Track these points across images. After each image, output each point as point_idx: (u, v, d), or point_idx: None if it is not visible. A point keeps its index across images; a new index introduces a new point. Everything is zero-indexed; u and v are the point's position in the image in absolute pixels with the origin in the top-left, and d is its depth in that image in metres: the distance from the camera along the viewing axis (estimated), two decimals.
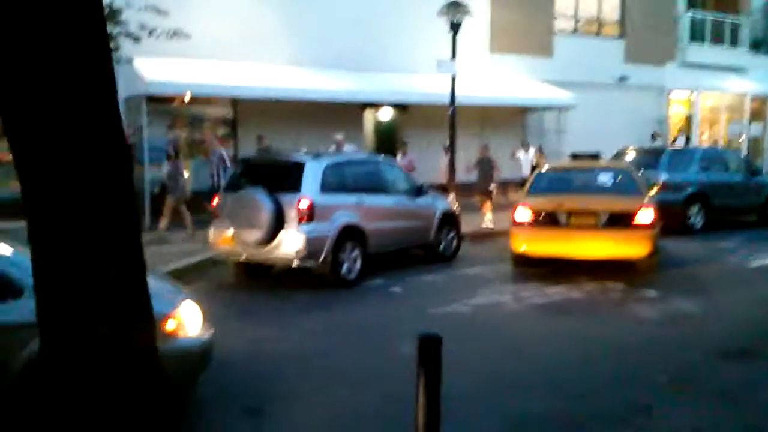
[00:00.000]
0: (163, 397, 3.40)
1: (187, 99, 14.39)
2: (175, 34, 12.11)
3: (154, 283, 3.71)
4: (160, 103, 14.41)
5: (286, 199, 8.88)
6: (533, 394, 5.42)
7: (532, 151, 17.28)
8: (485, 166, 14.52)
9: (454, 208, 11.79)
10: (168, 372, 3.80)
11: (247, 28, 15.74)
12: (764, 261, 11.17)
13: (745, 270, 10.59)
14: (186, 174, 12.73)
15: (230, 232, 9.21)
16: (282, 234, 8.87)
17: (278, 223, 8.83)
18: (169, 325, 4.69)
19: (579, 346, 6.67)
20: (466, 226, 12.54)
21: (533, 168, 15.92)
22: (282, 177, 9.26)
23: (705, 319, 7.74)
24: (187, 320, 4.85)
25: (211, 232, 9.61)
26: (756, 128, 25.59)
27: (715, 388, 5.54)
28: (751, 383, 5.64)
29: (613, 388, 5.54)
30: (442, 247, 11.09)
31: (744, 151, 23.07)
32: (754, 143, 25.67)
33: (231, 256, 9.55)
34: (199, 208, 12.11)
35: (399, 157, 15.51)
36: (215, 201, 9.85)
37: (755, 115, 25.68)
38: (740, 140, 24.84)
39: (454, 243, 11.36)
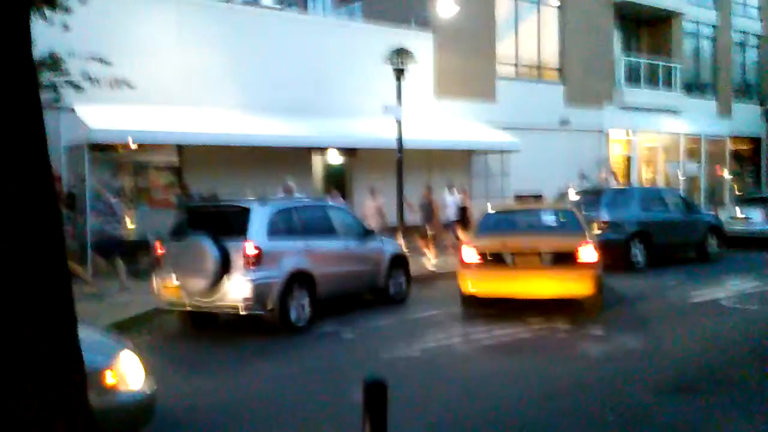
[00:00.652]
0: None
1: (132, 145, 14.20)
2: (119, 82, 12.01)
3: (91, 336, 3.60)
4: (103, 152, 14.17)
5: (232, 245, 8.78)
6: None
7: (456, 193, 16.95)
8: (428, 208, 14.70)
9: (404, 251, 11.84)
10: (108, 427, 3.67)
11: (193, 74, 15.74)
12: (704, 296, 11.48)
13: (685, 305, 10.86)
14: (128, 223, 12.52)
15: (175, 280, 9.03)
16: (228, 281, 8.74)
17: (224, 270, 8.71)
18: (108, 379, 4.54)
19: (528, 386, 6.70)
20: (415, 268, 12.59)
21: (461, 210, 16.13)
22: (228, 222, 9.17)
23: (649, 355, 7.88)
24: (127, 373, 4.69)
25: (155, 281, 9.41)
26: (691, 167, 26.59)
27: (661, 423, 5.61)
28: (694, 418, 5.73)
29: (562, 426, 5.56)
30: (392, 290, 11.09)
31: (681, 190, 23.90)
32: (691, 181, 26.64)
33: (176, 305, 9.34)
34: (139, 258, 11.90)
35: (369, 201, 15.48)
36: (159, 249, 9.65)
37: (690, 155, 26.71)
38: (678, 179, 25.74)
39: (404, 286, 11.37)
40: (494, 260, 9.88)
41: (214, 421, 5.83)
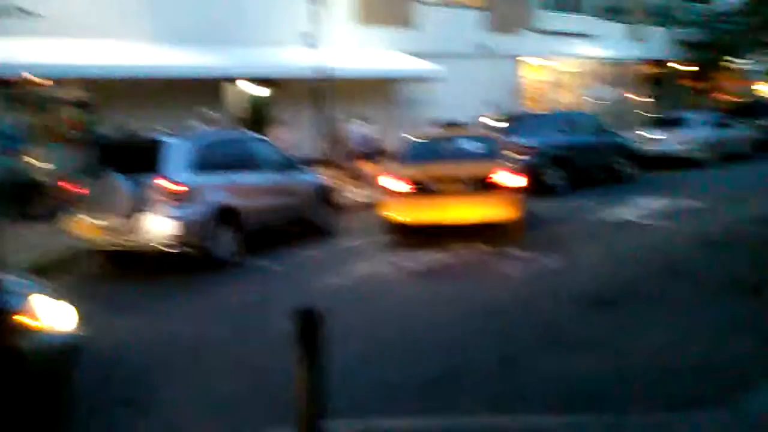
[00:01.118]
0: (29, 396, 3.21)
1: (35, 80, 13.41)
2: (22, 11, 11.20)
3: (10, 279, 3.47)
4: (5, 87, 13.34)
5: (152, 181, 8.53)
6: (411, 357, 5.59)
7: (364, 123, 16.75)
8: (339, 139, 14.67)
9: (330, 183, 11.81)
10: (33, 369, 3.60)
11: (101, 3, 14.83)
12: (618, 216, 12.01)
13: (601, 225, 11.35)
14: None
15: (93, 219, 8.75)
16: (150, 218, 8.53)
17: (145, 208, 8.48)
18: (31, 321, 4.42)
19: (454, 308, 6.93)
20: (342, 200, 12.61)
21: (368, 140, 16.05)
22: (147, 158, 8.87)
23: (568, 273, 8.24)
24: (47, 315, 4.58)
25: (72, 221, 9.09)
26: (606, 91, 27.28)
27: (580, 336, 5.93)
28: (612, 329, 6.08)
29: (488, 344, 5.81)
30: (320, 222, 11.10)
31: (596, 114, 24.56)
32: (605, 105, 27.36)
33: (96, 245, 9.07)
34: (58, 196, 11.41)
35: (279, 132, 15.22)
36: (74, 187, 9.27)
37: (604, 79, 27.35)
38: (592, 103, 26.39)
39: (332, 218, 11.40)
40: (419, 188, 10.00)
41: (143, 361, 5.79)
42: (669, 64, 30.39)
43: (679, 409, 4.37)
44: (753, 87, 35.36)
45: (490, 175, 9.90)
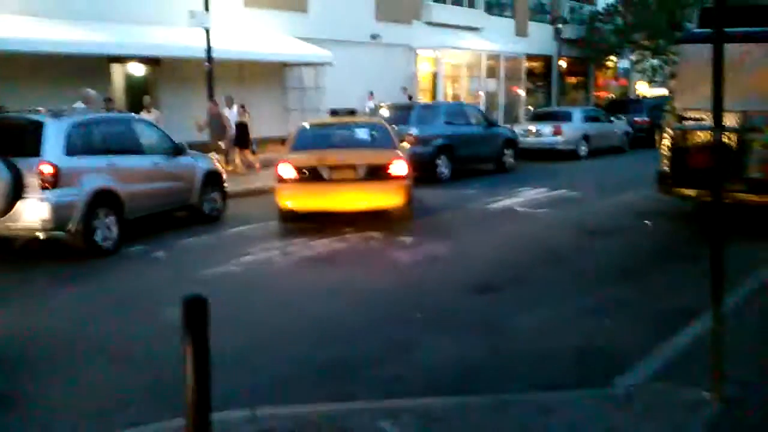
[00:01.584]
0: None
1: None
2: None
3: None
4: None
5: (25, 163, 8.01)
6: (302, 344, 5.56)
7: (235, 108, 16.39)
8: (215, 123, 14.38)
9: (218, 167, 11.52)
10: None
11: None
12: (501, 204, 12.45)
13: (485, 213, 11.73)
14: None
15: None
16: (22, 203, 8.00)
17: (16, 191, 7.95)
18: None
19: (344, 295, 6.95)
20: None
21: (238, 126, 15.88)
22: (19, 139, 8.36)
23: (453, 260, 8.48)
24: None
25: None
26: (492, 84, 28.15)
27: (465, 320, 6.12)
28: (494, 313, 6.31)
29: (376, 330, 5.87)
30: (206, 208, 10.81)
31: (482, 106, 25.31)
32: (491, 98, 28.25)
33: None
34: None
35: (146, 113, 14.62)
36: None
37: (490, 72, 28.19)
38: (478, 95, 27.17)
39: (219, 203, 11.14)
40: (310, 175, 9.94)
41: (15, 355, 5.44)
42: (550, 59, 31.73)
43: (557, 389, 4.59)
44: (628, 84, 37.61)
45: (381, 163, 9.98)
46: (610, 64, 35.62)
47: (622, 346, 5.38)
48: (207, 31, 14.33)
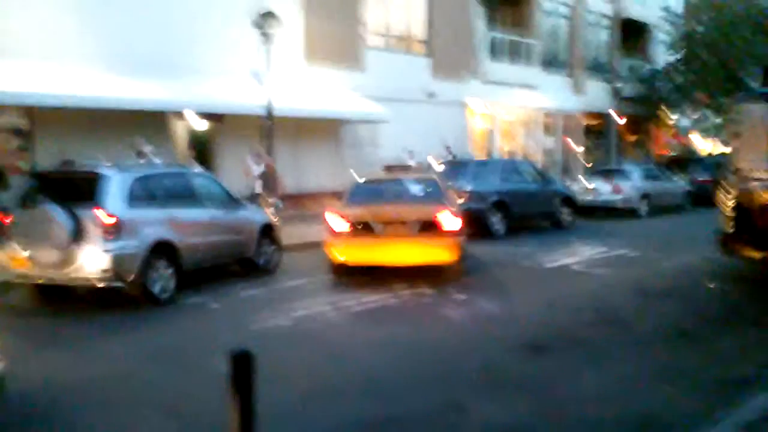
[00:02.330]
0: None
1: None
2: None
3: None
4: None
5: (87, 214, 8.29)
6: (352, 400, 5.51)
7: (261, 161, 15.69)
8: (268, 177, 14.58)
9: (273, 220, 11.71)
10: None
11: (46, 26, 14.51)
12: (556, 262, 12.23)
13: (540, 271, 11.53)
14: None
15: (24, 252, 8.42)
16: (84, 253, 8.26)
17: (78, 240, 8.22)
18: None
19: (395, 351, 6.88)
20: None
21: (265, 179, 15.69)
22: (84, 190, 8.64)
23: (507, 318, 8.32)
24: None
25: (2, 253, 8.73)
26: (548, 141, 28.08)
27: (517, 381, 5.96)
28: (548, 375, 6.13)
29: (426, 389, 5.77)
30: (261, 260, 10.95)
31: (539, 162, 25.20)
32: (547, 155, 28.13)
33: (26, 278, 8.72)
34: None
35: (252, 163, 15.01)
36: (6, 219, 8.93)
37: (546, 129, 28.17)
38: (534, 152, 27.10)
39: (274, 256, 11.27)
40: (362, 229, 10.00)
41: (69, 400, 5.54)
42: (608, 116, 31.51)
43: None
44: (687, 141, 36.96)
45: (432, 218, 9.98)
46: (669, 121, 35.15)
47: (682, 415, 5.14)
48: (267, 89, 14.77)
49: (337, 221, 10.11)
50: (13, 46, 13.80)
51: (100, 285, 8.40)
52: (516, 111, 26.99)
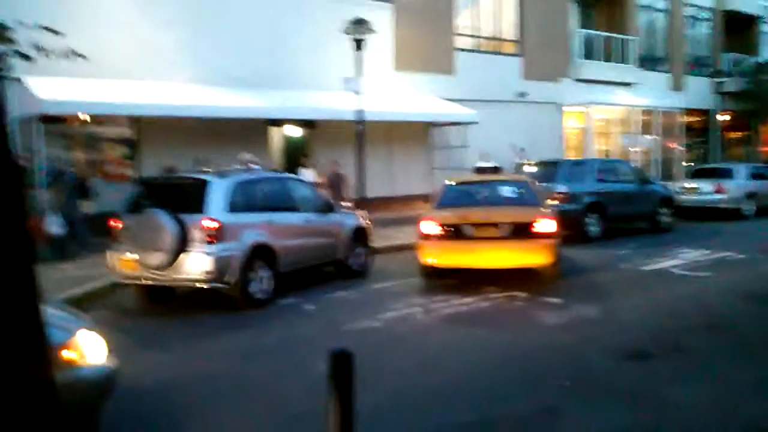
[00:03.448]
0: (63, 429, 3.23)
1: (84, 117, 13.86)
2: (72, 54, 11.59)
3: (50, 312, 3.54)
4: (54, 124, 13.81)
5: (191, 219, 8.68)
6: (446, 403, 5.51)
7: (311, 171, 15.88)
8: (336, 181, 14.66)
9: (364, 224, 11.86)
10: (68, 403, 3.63)
11: (148, 46, 15.36)
12: (656, 265, 11.80)
13: (639, 275, 11.15)
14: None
15: (132, 255, 8.91)
16: (188, 256, 8.65)
17: (183, 244, 8.61)
18: (67, 355, 4.48)
19: (488, 354, 6.83)
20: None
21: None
22: (187, 197, 9.05)
23: (603, 323, 8.09)
24: (86, 349, 4.64)
25: (111, 256, 9.26)
26: (645, 140, 27.10)
27: (615, 388, 5.79)
28: (648, 382, 5.93)
29: (522, 393, 5.71)
30: (353, 263, 11.12)
31: (635, 162, 24.36)
32: (644, 154, 27.15)
33: (134, 280, 9.22)
34: (101, 231, 11.69)
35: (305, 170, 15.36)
36: (115, 223, 9.46)
37: (644, 128, 27.19)
38: (631, 152, 26.21)
39: (365, 258, 11.42)
40: (454, 232, 9.98)
41: (176, 398, 5.81)
42: (709, 114, 30.11)
43: None
44: None
45: (526, 221, 9.83)
46: None
47: None
48: (359, 95, 14.99)
49: (428, 224, 10.13)
50: (118, 67, 14.67)
51: (203, 286, 8.76)
52: (612, 110, 26.21)
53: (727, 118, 30.36)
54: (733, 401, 5.41)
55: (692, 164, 26.60)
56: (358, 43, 15.09)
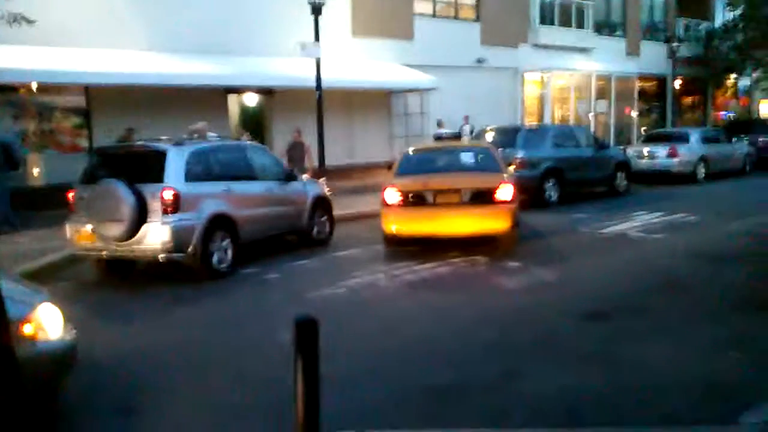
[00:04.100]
0: (24, 404, 3.17)
1: (34, 86, 13.42)
2: (18, 19, 11.18)
3: (7, 286, 3.44)
4: (3, 93, 13.35)
5: (148, 189, 8.51)
6: (410, 367, 5.56)
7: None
8: (296, 151, 14.54)
9: (326, 193, 11.80)
10: (28, 377, 3.56)
11: (100, 13, 14.88)
12: (613, 229, 12.04)
13: (596, 238, 11.36)
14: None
15: (89, 227, 8.72)
16: (145, 227, 8.50)
17: (141, 215, 8.46)
18: (27, 329, 4.39)
19: (451, 319, 6.91)
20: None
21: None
22: (143, 167, 8.86)
23: (563, 285, 8.24)
24: (46, 323, 4.55)
25: (68, 228, 9.06)
26: (601, 105, 27.42)
27: (577, 349, 5.92)
28: (608, 342, 6.08)
29: (485, 356, 5.79)
30: (315, 231, 11.08)
31: (592, 128, 24.68)
32: (600, 119, 27.50)
33: (91, 252, 9.04)
34: (55, 203, 11.39)
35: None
36: (71, 194, 9.24)
37: (600, 93, 27.49)
38: (588, 117, 26.52)
39: (328, 227, 11.39)
40: (415, 200, 10.00)
41: (138, 369, 5.75)
42: (663, 79, 30.56)
43: (675, 424, 4.35)
44: (749, 104, 35.61)
45: (487, 187, 9.90)
46: (729, 83, 33.89)
47: (749, 381, 5.03)
48: (317, 61, 14.79)
49: (389, 192, 10.13)
50: (70, 35, 14.18)
51: (162, 258, 8.64)
52: (568, 76, 26.41)
53: (681, 83, 30.84)
54: (690, 359, 5.58)
55: (647, 129, 27.04)
56: (316, 9, 14.85)
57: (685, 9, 31.85)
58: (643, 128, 28.45)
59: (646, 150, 20.15)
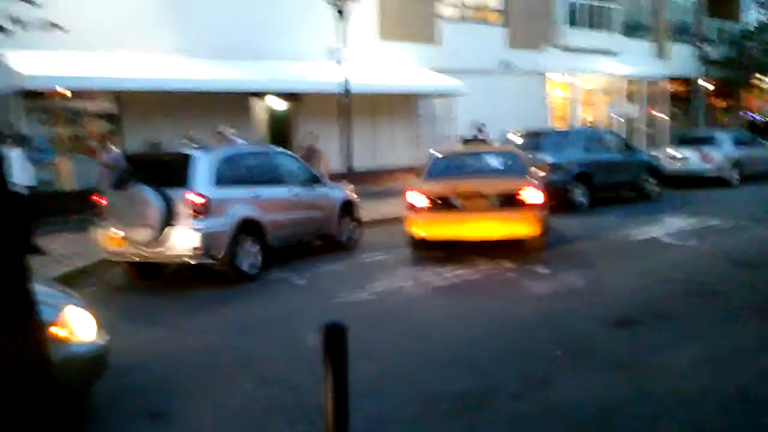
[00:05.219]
0: (56, 406, 3.22)
1: (66, 93, 13.64)
2: (50, 26, 11.34)
3: (40, 290, 3.50)
4: (35, 99, 13.59)
5: (177, 194, 8.60)
6: (438, 373, 5.54)
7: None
8: (310, 155, 14.56)
9: (353, 197, 11.81)
10: (60, 380, 3.61)
11: (129, 18, 15.09)
12: (643, 234, 11.87)
13: (626, 243, 11.21)
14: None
15: (120, 232, 8.83)
16: (176, 231, 8.59)
17: (169, 220, 8.54)
18: (58, 332, 4.45)
19: (478, 325, 6.87)
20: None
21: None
22: (172, 172, 8.94)
23: (592, 292, 8.14)
24: (77, 326, 4.61)
25: (99, 233, 9.18)
26: (632, 108, 27.13)
27: (605, 356, 5.84)
28: (637, 349, 5.99)
29: (513, 363, 5.74)
30: (342, 236, 11.10)
31: (621, 131, 24.41)
32: (630, 123, 27.20)
33: (122, 257, 9.15)
34: (86, 207, 11.55)
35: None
36: (101, 200, 9.36)
37: (629, 96, 27.20)
38: (617, 120, 26.24)
39: (355, 232, 11.40)
40: (442, 204, 9.96)
41: (167, 372, 5.80)
42: (695, 82, 30.14)
43: None
44: None
45: (514, 192, 9.83)
46: (762, 85, 33.32)
47: None
48: (342, 65, 14.83)
49: (416, 196, 10.11)
50: (100, 40, 14.39)
51: (191, 262, 8.71)
52: (597, 79, 26.18)
53: (712, 86, 30.40)
54: (724, 365, 5.48)
55: (677, 132, 26.70)
56: (342, 13, 14.91)
57: (717, 11, 31.40)
58: (672, 131, 28.09)
59: (677, 154, 19.86)
